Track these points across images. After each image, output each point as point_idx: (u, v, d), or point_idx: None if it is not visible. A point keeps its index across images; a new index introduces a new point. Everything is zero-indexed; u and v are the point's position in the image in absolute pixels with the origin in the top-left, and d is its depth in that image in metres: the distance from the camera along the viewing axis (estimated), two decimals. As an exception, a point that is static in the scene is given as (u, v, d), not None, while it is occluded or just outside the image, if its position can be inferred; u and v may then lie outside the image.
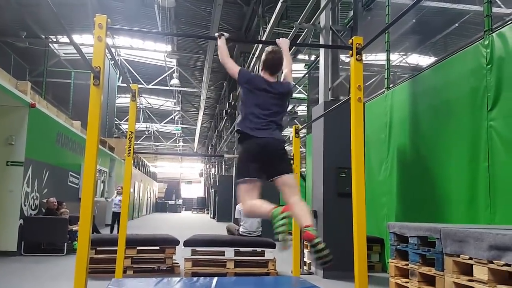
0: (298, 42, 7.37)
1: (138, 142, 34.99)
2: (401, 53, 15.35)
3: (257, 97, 3.15)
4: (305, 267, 6.48)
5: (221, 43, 3.33)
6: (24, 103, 7.55)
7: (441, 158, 5.36)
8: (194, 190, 51.78)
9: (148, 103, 27.83)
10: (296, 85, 15.89)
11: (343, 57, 7.89)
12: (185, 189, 53.27)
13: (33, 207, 8.10)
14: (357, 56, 3.39)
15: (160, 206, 41.56)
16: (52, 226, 7.73)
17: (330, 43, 6.61)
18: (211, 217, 27.07)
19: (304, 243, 6.72)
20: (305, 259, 6.65)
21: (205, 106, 22.79)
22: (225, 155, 6.58)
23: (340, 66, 6.90)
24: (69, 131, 10.51)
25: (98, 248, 5.80)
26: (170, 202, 44.50)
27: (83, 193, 3.04)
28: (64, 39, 16.64)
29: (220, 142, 24.62)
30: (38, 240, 7.77)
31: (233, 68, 3.29)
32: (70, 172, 10.77)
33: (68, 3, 12.93)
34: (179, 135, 36.05)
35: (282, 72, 3.47)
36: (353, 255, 3.13)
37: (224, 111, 18.93)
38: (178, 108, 27.62)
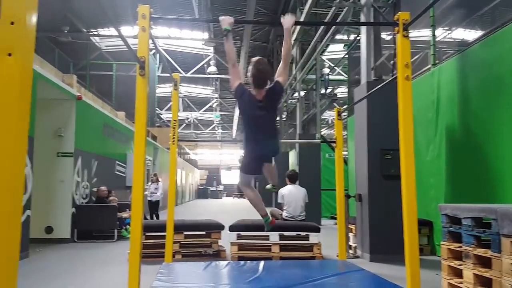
0: (337, 21, 7.17)
1: (179, 131, 35.61)
2: (445, 28, 14.65)
3: (248, 119, 3.37)
4: (350, 251, 6.43)
5: (229, 43, 3.31)
6: (71, 96, 7.84)
7: (494, 136, 5.10)
8: (234, 176, 52.40)
9: (187, 91, 28.23)
10: (335, 67, 15.61)
11: (383, 35, 7.62)
12: (225, 176, 54.00)
13: (83, 196, 8.46)
14: (404, 32, 3.27)
15: (202, 193, 42.38)
16: (102, 213, 8.05)
17: (371, 21, 6.39)
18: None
19: (350, 226, 6.65)
20: (350, 243, 6.59)
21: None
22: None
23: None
24: (114, 122, 10.85)
25: (147, 234, 5.98)
26: (211, 189, 45.26)
27: (134, 181, 3.13)
28: (105, 31, 17.10)
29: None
30: (89, 227, 8.10)
31: (233, 80, 3.37)
32: (117, 161, 11.15)
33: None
34: (217, 122, 36.43)
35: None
36: (399, 238, 3.07)
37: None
38: (216, 95, 27.84)
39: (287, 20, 3.39)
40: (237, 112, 27.86)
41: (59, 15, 14.53)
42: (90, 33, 17.01)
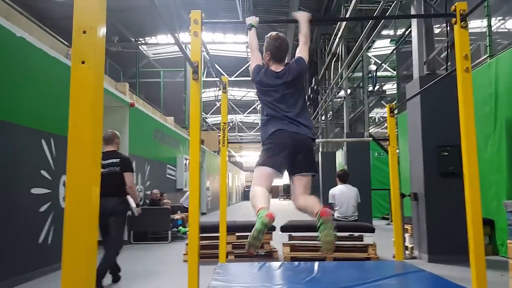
0: (386, 15, 6.98)
1: (223, 134, 36.08)
2: (498, 18, 13.91)
3: (270, 96, 3.01)
4: (407, 252, 6.22)
5: (252, 34, 3.29)
6: (125, 103, 8.16)
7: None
8: (279, 178, 52.36)
9: (231, 94, 28.57)
10: (382, 63, 15.21)
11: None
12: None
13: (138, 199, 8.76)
14: (462, 23, 3.12)
15: (248, 195, 42.60)
16: (156, 216, 8.30)
17: (422, 13, 6.18)
18: (299, 204, 27.12)
19: (405, 226, 6.44)
20: (406, 244, 6.38)
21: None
22: (317, 140, 6.48)
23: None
24: (164, 127, 11.18)
25: (201, 235, 6.09)
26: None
27: (190, 183, 3.19)
28: (152, 40, 17.66)
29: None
30: (144, 229, 8.38)
31: (252, 62, 3.20)
32: (168, 165, 11.48)
33: (152, 5, 13.64)
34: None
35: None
36: (460, 238, 2.93)
37: (306, 97, 18.74)
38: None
39: (301, 13, 3.33)
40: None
41: (109, 25, 15.20)
42: (139, 42, 17.62)
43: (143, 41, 17.83)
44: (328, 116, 17.66)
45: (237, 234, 6.18)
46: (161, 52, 19.25)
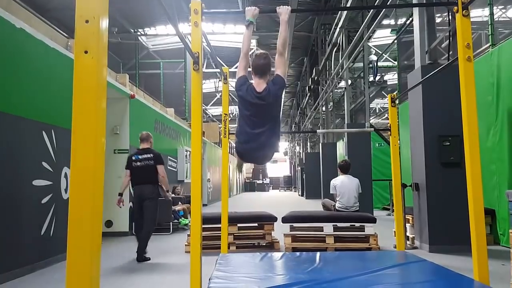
0: (387, 4, 6.93)
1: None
2: (500, 7, 13.82)
3: (247, 110, 3.18)
4: (408, 242, 6.25)
5: (248, 33, 3.32)
6: (125, 94, 8.13)
7: None
8: (280, 169, 52.48)
9: (232, 86, 28.47)
10: (383, 53, 15.14)
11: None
12: (271, 168, 54.19)
13: (139, 190, 8.77)
14: (464, 11, 3.10)
15: (249, 186, 42.82)
16: (160, 207, 8.30)
17: (423, 2, 6.12)
18: (299, 195, 27.24)
19: (406, 217, 6.46)
20: (407, 234, 6.41)
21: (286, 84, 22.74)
22: (318, 131, 6.48)
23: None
24: (164, 118, 11.15)
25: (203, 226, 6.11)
26: (258, 182, 45.61)
27: (192, 175, 3.19)
28: (152, 31, 17.55)
29: (303, 119, 24.48)
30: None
31: (239, 71, 3.33)
32: (169, 157, 11.47)
33: (152, -4, 13.54)
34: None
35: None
36: (461, 227, 2.94)
37: (306, 88, 18.71)
38: (261, 89, 27.85)
39: (282, 9, 3.30)
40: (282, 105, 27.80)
41: (109, 16, 15.07)
42: (138, 33, 17.53)
43: (142, 32, 17.73)
44: (329, 107, 17.64)
45: (239, 225, 6.21)
46: (160, 43, 19.14)
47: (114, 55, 17.98)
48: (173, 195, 9.88)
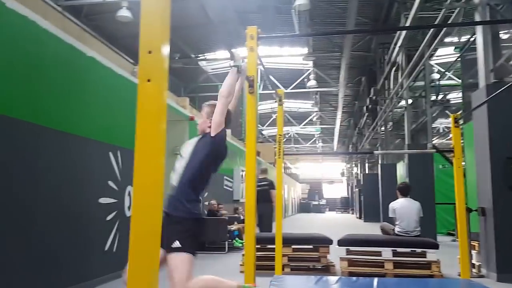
0: (448, 23, 6.71)
1: (280, 145, 36.17)
2: None
3: (215, 168, 3.23)
4: (473, 270, 5.85)
5: (232, 77, 3.00)
6: (185, 117, 8.48)
7: None
8: (336, 190, 51.42)
9: (287, 106, 28.64)
10: (446, 72, 14.56)
11: (501, 34, 6.94)
12: (327, 189, 53.23)
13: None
14: (532, 27, 2.95)
15: (304, 207, 42.25)
16: (214, 226, 8.47)
17: (487, 19, 5.87)
18: (357, 217, 26.46)
19: (472, 243, 6.07)
20: (473, 261, 6.01)
21: (343, 104, 22.48)
22: (376, 152, 6.33)
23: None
24: (221, 139, 11.43)
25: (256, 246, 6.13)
26: (314, 203, 44.90)
27: (246, 196, 3.26)
28: (211, 55, 18.24)
29: (361, 139, 23.97)
30: (203, 239, 8.58)
31: (222, 117, 2.99)
32: (225, 177, 11.69)
33: (211, 23, 14.12)
34: (318, 135, 36.25)
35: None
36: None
37: (365, 107, 18.36)
38: (316, 109, 27.79)
39: (244, 67, 3.09)
40: (337, 124, 27.44)
41: (171, 43, 15.91)
42: (198, 58, 18.28)
43: (202, 57, 18.47)
44: (388, 127, 17.15)
45: (293, 246, 6.15)
46: (219, 67, 19.82)
47: (176, 79, 18.83)
48: (236, 215, 10.07)
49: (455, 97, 18.59)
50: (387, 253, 5.62)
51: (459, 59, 11.87)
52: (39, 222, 4.23)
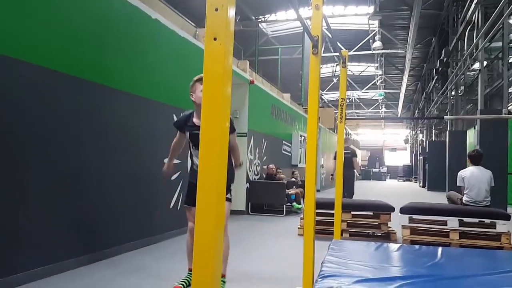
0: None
1: (340, 110, 35.42)
2: None
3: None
4: (550, 246, 5.46)
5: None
6: (245, 80, 8.48)
7: None
8: (398, 158, 49.79)
9: (349, 70, 27.73)
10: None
11: None
12: (389, 157, 51.68)
13: (256, 173, 9.15)
14: None
15: (364, 174, 41.44)
16: (272, 189, 8.59)
17: None
18: (420, 186, 25.57)
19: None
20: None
21: (410, 67, 21.31)
22: (446, 117, 5.95)
23: None
24: (281, 103, 11.37)
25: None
26: (374, 170, 43.89)
27: (307, 160, 3.21)
28: (272, 17, 17.91)
29: (428, 105, 22.77)
30: (261, 201, 8.76)
31: None
32: (283, 141, 11.71)
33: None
34: (381, 100, 34.93)
35: None
36: None
37: (433, 70, 17.29)
38: (380, 72, 26.63)
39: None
40: (403, 88, 26.19)
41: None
42: (258, 20, 18.04)
43: (262, 19, 18.19)
44: (459, 91, 16.09)
45: (353, 212, 6.10)
46: (279, 29, 19.46)
47: (236, 42, 18.79)
48: (293, 179, 10.15)
49: None
50: (453, 223, 5.40)
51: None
52: (110, 182, 4.51)
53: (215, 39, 1.45)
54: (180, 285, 3.45)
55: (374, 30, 19.29)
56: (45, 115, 3.66)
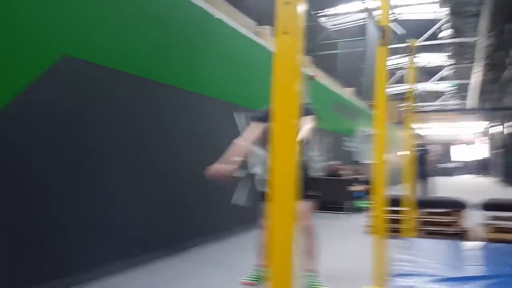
0: None
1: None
2: None
3: None
4: None
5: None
6: (306, 76, 8.40)
7: None
8: (469, 152, 46.78)
9: (415, 61, 26.51)
10: None
11: None
12: (457, 151, 48.74)
13: (318, 170, 9.04)
14: None
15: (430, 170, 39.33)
16: (336, 186, 8.41)
17: None
18: (496, 182, 23.84)
19: None
20: None
21: (483, 55, 19.91)
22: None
23: None
24: (343, 99, 11.15)
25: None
26: (441, 165, 41.55)
27: (376, 156, 3.11)
28: (332, 11, 17.62)
29: (503, 95, 21.16)
30: (324, 198, 8.57)
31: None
32: (346, 137, 11.46)
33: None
34: (448, 92, 33.02)
35: None
36: None
37: (508, 59, 16.04)
38: (449, 62, 25.16)
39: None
40: (475, 79, 24.53)
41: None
42: (319, 14, 17.83)
43: (322, 13, 17.95)
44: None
45: (424, 210, 5.81)
46: (339, 23, 19.06)
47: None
48: (356, 176, 9.90)
49: None
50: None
51: None
52: (176, 181, 4.67)
53: (285, 33, 1.44)
54: (250, 280, 3.49)
55: (442, 18, 18.28)
56: (117, 115, 3.85)
